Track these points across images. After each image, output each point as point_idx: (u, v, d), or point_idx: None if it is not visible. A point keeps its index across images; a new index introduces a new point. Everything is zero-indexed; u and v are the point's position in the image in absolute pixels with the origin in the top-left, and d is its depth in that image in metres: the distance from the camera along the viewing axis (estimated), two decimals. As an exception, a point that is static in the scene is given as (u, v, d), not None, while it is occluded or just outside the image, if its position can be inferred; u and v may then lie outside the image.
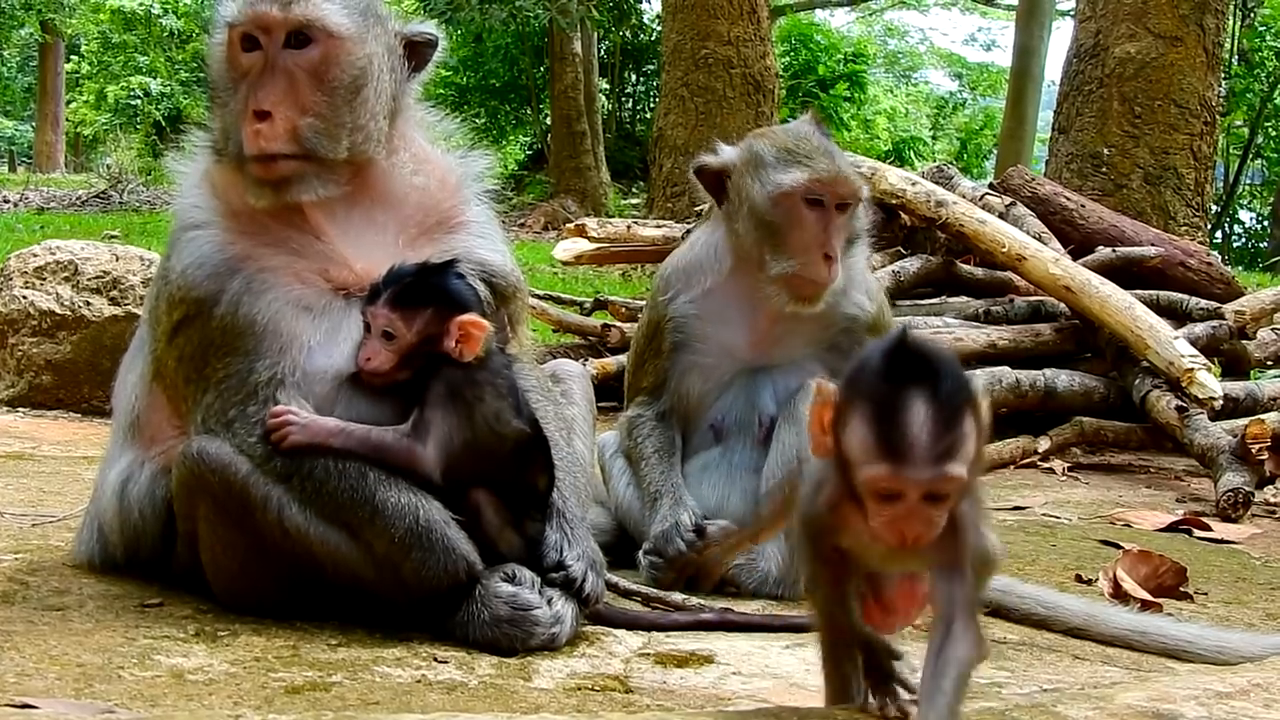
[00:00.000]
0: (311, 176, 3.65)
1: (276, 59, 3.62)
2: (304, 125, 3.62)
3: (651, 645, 3.67)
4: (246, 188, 3.65)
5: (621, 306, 10.63)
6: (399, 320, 3.53)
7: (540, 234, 24.75)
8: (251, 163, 3.61)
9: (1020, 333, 9.00)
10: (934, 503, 2.32)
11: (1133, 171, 13.97)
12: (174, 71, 44.37)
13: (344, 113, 3.68)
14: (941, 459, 2.28)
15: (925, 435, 2.27)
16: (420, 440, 3.49)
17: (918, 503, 2.32)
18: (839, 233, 4.52)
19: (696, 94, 18.88)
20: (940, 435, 2.28)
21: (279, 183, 3.62)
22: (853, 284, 4.65)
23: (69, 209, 25.79)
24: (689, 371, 4.72)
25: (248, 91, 3.62)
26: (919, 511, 2.32)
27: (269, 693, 2.94)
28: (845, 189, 4.52)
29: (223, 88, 3.72)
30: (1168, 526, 6.30)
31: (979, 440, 2.36)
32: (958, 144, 47.80)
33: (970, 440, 2.32)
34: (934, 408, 2.29)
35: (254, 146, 3.58)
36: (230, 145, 3.66)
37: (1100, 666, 3.81)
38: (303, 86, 3.64)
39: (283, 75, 3.62)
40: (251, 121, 3.58)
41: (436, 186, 3.92)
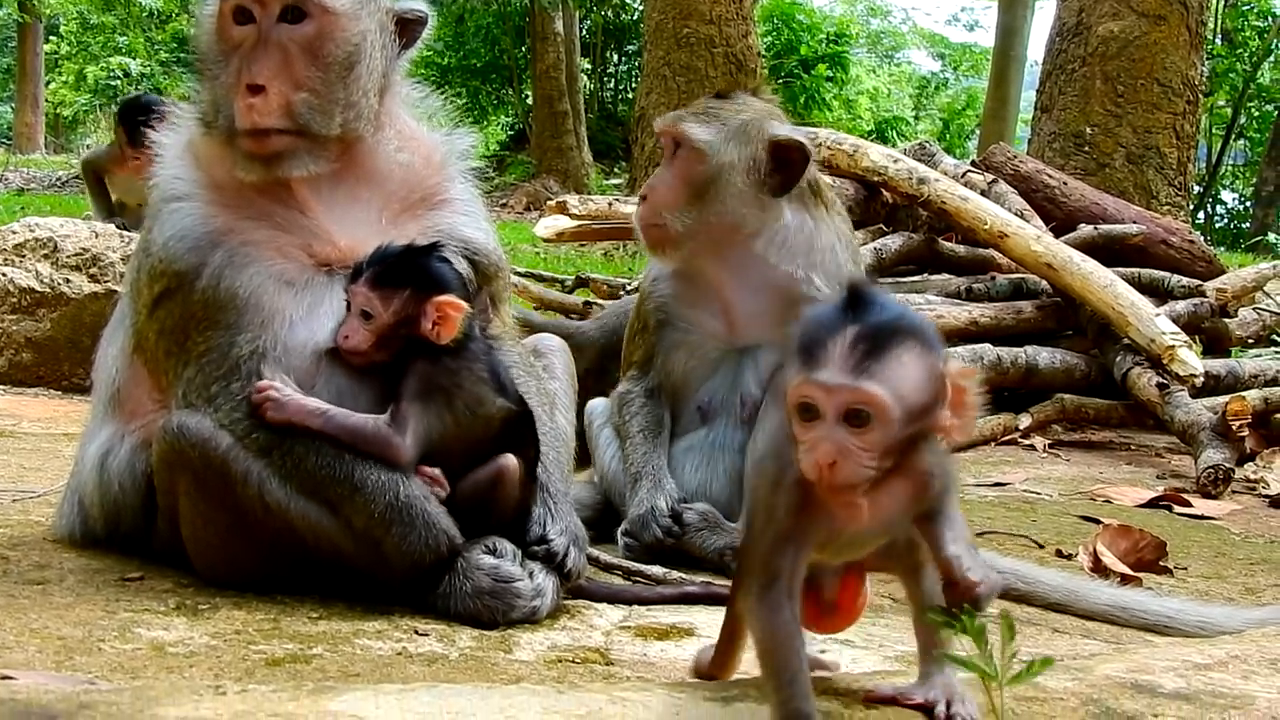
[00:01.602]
0: (303, 152, 3.63)
1: (270, 33, 3.60)
2: (297, 100, 3.61)
3: (632, 618, 3.67)
4: (236, 161, 3.63)
5: (603, 284, 10.63)
6: (377, 300, 3.52)
7: (522, 214, 24.69)
8: (243, 137, 3.59)
9: (1002, 310, 9.01)
10: (855, 428, 2.21)
11: (1115, 151, 13.97)
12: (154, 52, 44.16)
13: (337, 89, 3.67)
14: (859, 372, 2.19)
15: (845, 347, 2.20)
16: (399, 431, 3.47)
17: (836, 425, 2.21)
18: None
19: (679, 73, 18.82)
20: (863, 352, 2.20)
21: (270, 158, 3.61)
22: (814, 263, 4.60)
23: (49, 190, 25.68)
24: (674, 349, 4.72)
25: (240, 65, 3.60)
26: (838, 437, 2.21)
27: (249, 665, 2.94)
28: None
29: (212, 60, 3.70)
30: (1148, 503, 6.33)
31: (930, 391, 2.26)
32: (940, 124, 47.76)
33: (907, 376, 2.23)
34: (863, 328, 2.22)
35: (247, 120, 3.56)
36: (220, 119, 3.64)
37: (1080, 640, 3.82)
38: (296, 61, 3.62)
39: (276, 49, 3.60)
40: (244, 95, 3.56)
41: (421, 164, 3.91)
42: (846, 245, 4.65)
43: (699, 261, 4.66)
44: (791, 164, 4.53)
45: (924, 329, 2.29)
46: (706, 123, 4.55)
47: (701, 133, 4.52)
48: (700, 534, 4.44)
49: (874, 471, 2.24)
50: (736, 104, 4.65)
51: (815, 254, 4.57)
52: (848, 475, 2.22)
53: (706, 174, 4.50)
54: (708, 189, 4.50)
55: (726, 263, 4.61)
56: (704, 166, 4.50)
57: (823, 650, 3.41)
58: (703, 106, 4.67)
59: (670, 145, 4.60)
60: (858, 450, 2.22)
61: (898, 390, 2.21)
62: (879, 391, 2.19)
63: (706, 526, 4.45)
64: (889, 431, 2.22)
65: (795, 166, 4.53)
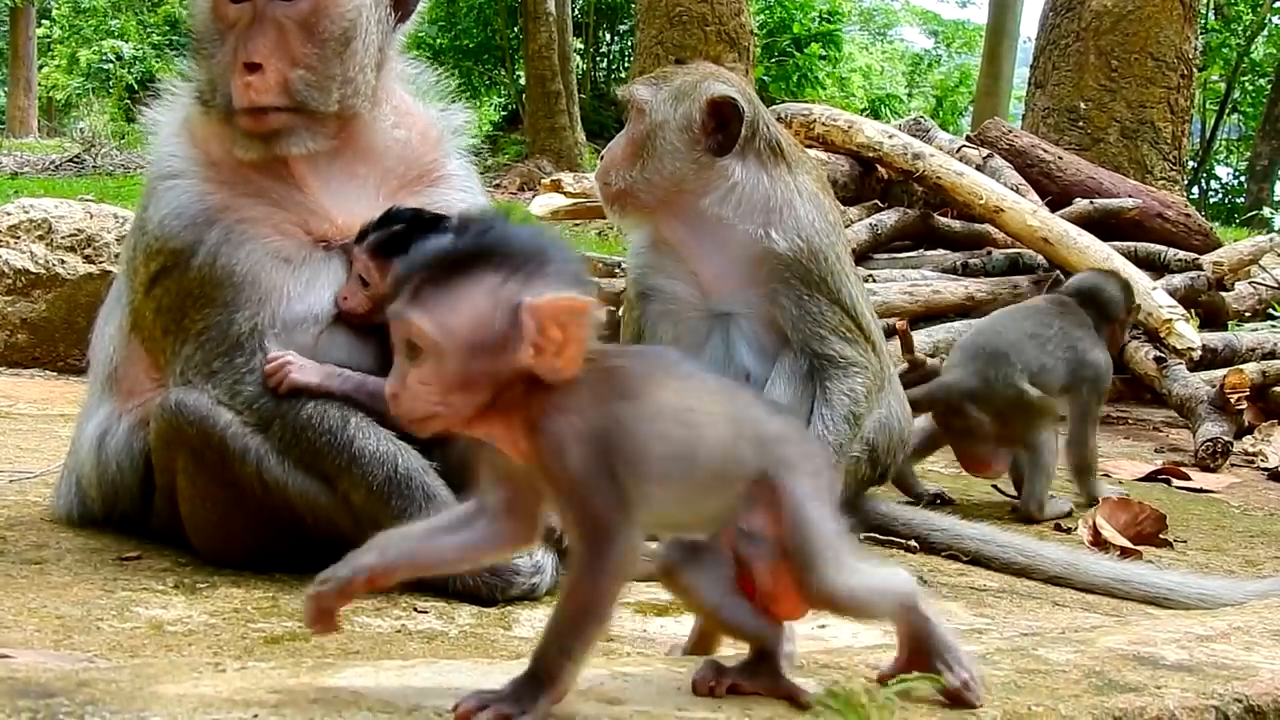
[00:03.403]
0: (301, 129, 3.62)
1: (265, 10, 3.58)
2: (295, 78, 3.59)
3: (631, 594, 3.65)
4: (234, 140, 3.61)
5: (598, 263, 10.59)
6: (374, 268, 3.52)
7: (516, 194, 24.64)
8: (241, 115, 3.57)
9: (998, 285, 9.02)
10: (413, 360, 2.10)
11: (1109, 125, 13.97)
12: (146, 35, 44.12)
13: (334, 65, 3.65)
14: (410, 302, 2.09)
15: (411, 276, 2.11)
16: None
17: (403, 356, 2.11)
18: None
19: (671, 52, 18.74)
20: (421, 281, 2.10)
21: (269, 135, 3.59)
22: (772, 221, 4.57)
23: (43, 173, 25.59)
24: (659, 321, 4.71)
25: (236, 43, 3.58)
26: (401, 368, 2.11)
27: (248, 643, 2.93)
28: None
29: (208, 38, 3.67)
30: (1147, 476, 6.33)
31: (494, 325, 2.08)
32: (933, 101, 47.75)
33: (462, 307, 2.08)
34: (432, 257, 2.12)
35: (245, 99, 3.55)
36: (218, 97, 3.62)
37: (1081, 613, 3.82)
38: (293, 38, 3.60)
39: (272, 26, 3.57)
40: (242, 74, 3.54)
41: (418, 140, 3.90)
42: (810, 199, 4.60)
43: (657, 222, 4.67)
44: (729, 121, 4.53)
45: (508, 258, 2.11)
46: (651, 84, 4.61)
47: (643, 92, 4.57)
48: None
49: (439, 407, 2.11)
50: (686, 69, 4.70)
51: (773, 211, 4.55)
52: (407, 408, 2.12)
53: (644, 131, 4.54)
54: (645, 146, 4.53)
55: (685, 224, 4.60)
56: (643, 125, 4.54)
57: (822, 625, 3.41)
58: (657, 72, 4.77)
59: (630, 109, 4.65)
60: (414, 383, 2.11)
61: (446, 322, 2.08)
62: (422, 322, 2.07)
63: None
64: (443, 365, 2.09)
65: (732, 124, 4.53)
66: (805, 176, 4.66)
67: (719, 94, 4.53)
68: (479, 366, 2.08)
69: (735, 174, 4.54)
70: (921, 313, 8.66)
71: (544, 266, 2.11)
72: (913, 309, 8.58)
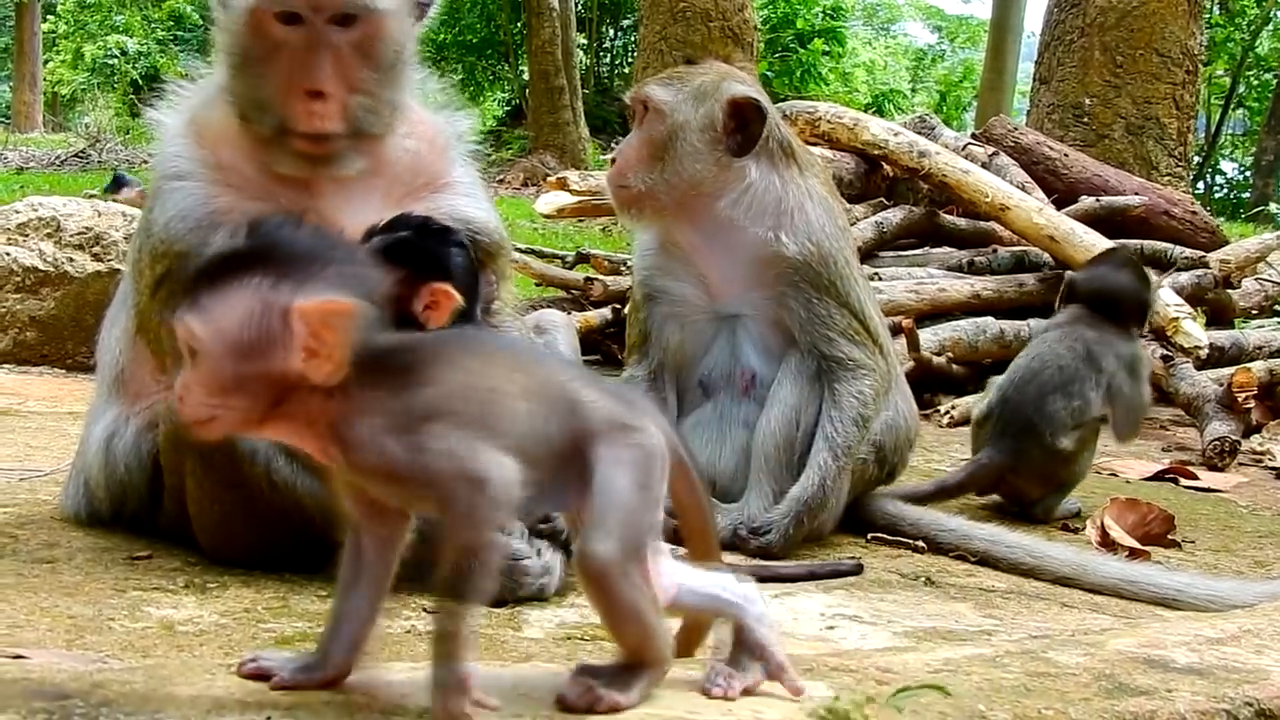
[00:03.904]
0: (352, 152, 3.63)
1: (324, 34, 3.56)
2: (354, 104, 3.60)
3: (641, 596, 3.66)
4: (279, 157, 3.61)
5: (604, 260, 10.60)
6: None
7: (519, 190, 24.65)
8: (298, 138, 3.57)
9: (1004, 283, 9.01)
10: (191, 364, 2.10)
11: (1114, 121, 13.95)
12: (150, 30, 44.14)
13: (387, 89, 3.67)
14: (188, 306, 2.07)
15: (195, 281, 2.10)
16: None
17: (185, 360, 2.12)
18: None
19: (675, 47, 18.72)
20: (200, 285, 2.09)
21: (324, 159, 3.60)
22: (782, 224, 4.56)
23: (48, 168, 25.64)
24: (665, 323, 4.71)
25: (294, 67, 3.55)
26: (181, 373, 2.12)
27: (259, 643, 2.93)
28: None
29: (252, 56, 3.61)
30: (1154, 476, 6.33)
31: (258, 329, 2.07)
32: (937, 96, 47.73)
33: (228, 310, 2.06)
34: (212, 261, 2.12)
35: (309, 126, 3.54)
36: (267, 117, 3.60)
37: (1089, 614, 3.82)
38: (351, 64, 3.59)
39: (331, 53, 3.56)
40: (305, 100, 3.53)
41: (426, 148, 3.89)
42: (820, 203, 4.61)
43: (669, 225, 4.67)
44: (750, 122, 4.53)
45: (282, 262, 2.10)
46: (668, 85, 4.59)
47: (661, 94, 4.55)
48: (701, 515, 4.44)
49: (217, 409, 2.11)
50: (701, 69, 4.68)
51: (784, 214, 4.55)
52: (187, 411, 2.12)
53: (665, 133, 4.53)
54: (667, 148, 4.52)
55: (697, 226, 4.61)
56: (663, 126, 4.53)
57: (830, 627, 3.41)
58: (669, 72, 4.74)
59: (640, 110, 4.62)
60: (192, 385, 2.10)
61: (217, 325, 2.07)
62: (194, 324, 2.07)
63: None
64: (215, 367, 2.08)
65: (754, 125, 4.53)
66: (814, 179, 4.66)
67: (740, 94, 4.53)
68: (251, 369, 2.08)
69: (751, 175, 4.55)
70: (927, 311, 8.65)
71: (319, 270, 2.11)
72: (918, 307, 8.58)
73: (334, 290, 2.09)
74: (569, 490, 2.24)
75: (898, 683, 2.50)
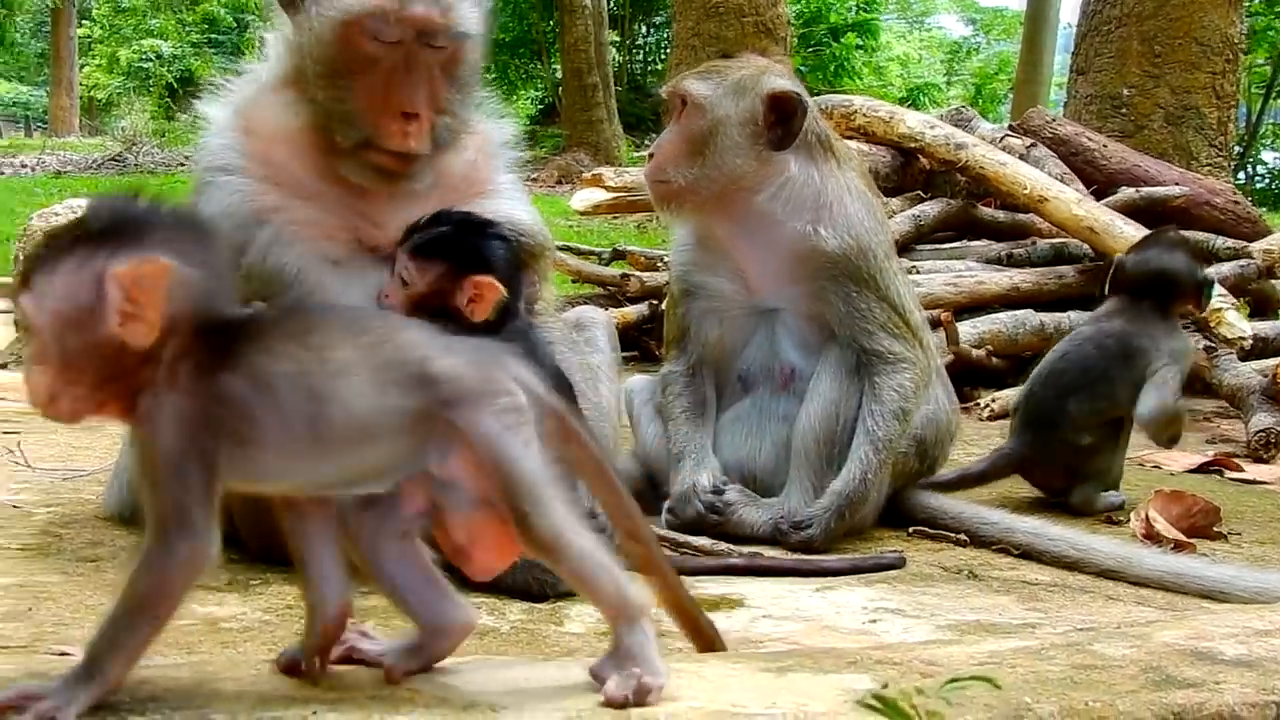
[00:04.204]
0: (428, 167, 3.69)
1: (418, 55, 3.59)
2: (440, 123, 3.66)
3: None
4: (354, 168, 3.64)
5: (640, 256, 10.60)
6: (414, 268, 3.50)
7: (553, 188, 24.69)
8: (384, 154, 3.60)
9: (1043, 275, 8.96)
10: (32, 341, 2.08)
11: (1153, 112, 13.84)
12: (185, 34, 44.40)
13: (467, 107, 3.75)
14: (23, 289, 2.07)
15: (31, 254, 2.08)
16: None
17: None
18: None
19: (708, 43, 18.70)
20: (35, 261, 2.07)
21: (403, 175, 3.64)
22: (821, 218, 4.55)
23: (85, 172, 25.77)
24: (703, 318, 4.71)
25: (390, 87, 3.58)
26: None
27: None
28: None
29: (341, 69, 3.61)
30: (1198, 468, 6.27)
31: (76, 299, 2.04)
32: (972, 89, 47.55)
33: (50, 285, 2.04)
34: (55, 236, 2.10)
35: (401, 145, 3.58)
36: (352, 130, 3.61)
37: (1134, 607, 3.78)
38: (439, 85, 3.64)
39: (423, 74, 3.60)
40: (400, 121, 3.57)
41: (478, 156, 3.92)
42: (858, 197, 4.60)
43: (708, 220, 4.67)
44: (790, 116, 4.51)
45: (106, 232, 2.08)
46: (706, 79, 4.58)
47: (700, 88, 4.54)
48: (744, 510, 4.43)
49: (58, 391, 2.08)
50: (739, 63, 4.68)
51: (822, 208, 4.54)
52: (32, 395, 2.10)
53: (705, 128, 4.52)
54: (707, 143, 4.52)
55: (735, 220, 4.60)
56: (703, 121, 4.51)
57: (873, 620, 3.39)
58: (706, 66, 4.72)
59: (676, 104, 4.61)
60: (34, 368, 2.08)
61: (45, 302, 2.05)
62: (26, 304, 2.07)
63: (749, 503, 4.45)
64: (50, 346, 2.06)
65: (794, 118, 4.51)
66: (852, 172, 4.65)
67: (780, 88, 4.52)
68: (78, 342, 2.05)
69: (790, 169, 4.53)
70: (966, 304, 8.62)
71: (142, 235, 2.09)
72: (956, 300, 8.54)
73: (151, 252, 2.06)
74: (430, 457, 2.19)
75: (942, 675, 2.48)
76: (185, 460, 2.07)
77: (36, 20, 52.84)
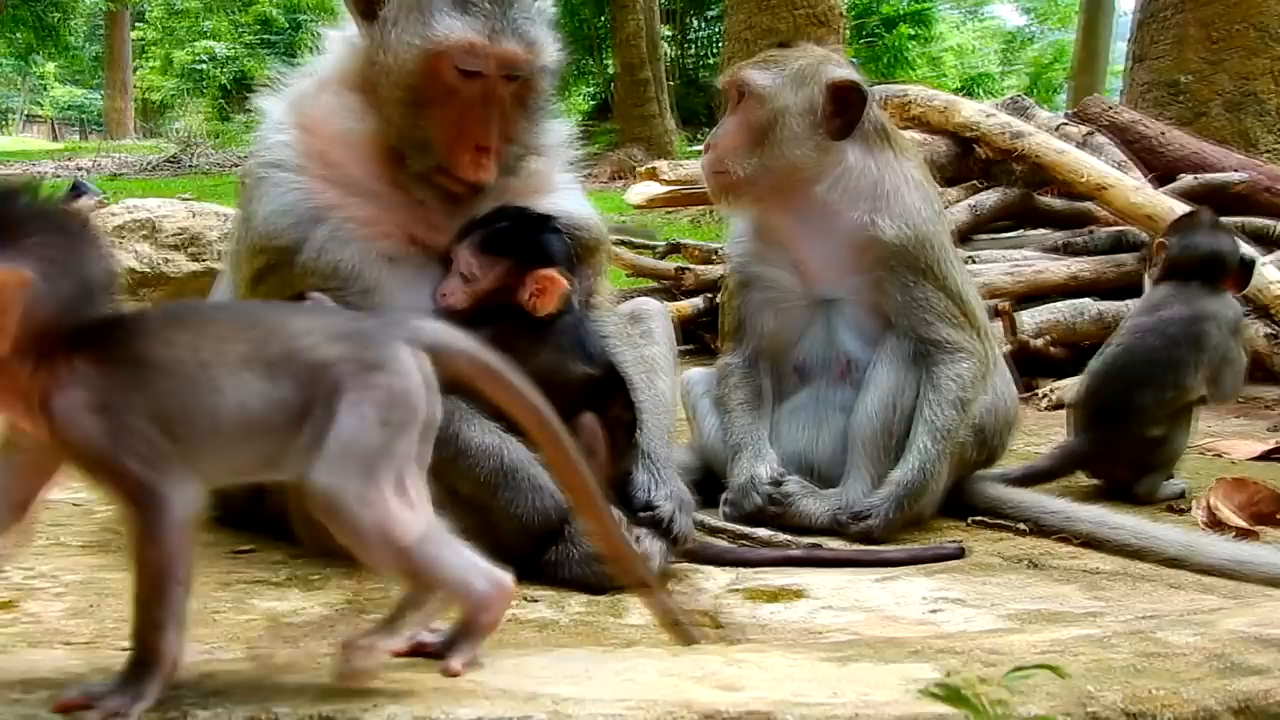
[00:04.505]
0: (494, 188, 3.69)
1: (496, 89, 3.61)
2: (508, 152, 3.68)
3: (740, 581, 3.65)
4: (422, 189, 3.65)
5: (695, 249, 10.59)
6: (478, 264, 3.51)
7: (608, 183, 24.68)
8: (454, 181, 3.62)
9: (1102, 264, 8.89)
10: None
11: (1212, 99, 13.70)
12: (238, 35, 44.74)
13: (536, 133, 3.78)
14: None
15: None
16: None
17: None
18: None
19: (761, 36, 18.61)
20: None
21: (469, 200, 3.66)
22: (879, 207, 4.52)
23: (141, 174, 25.99)
24: (760, 310, 4.70)
25: (467, 121, 3.59)
26: None
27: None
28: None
29: (420, 98, 3.60)
30: (1260, 455, 6.20)
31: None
32: (1028, 79, 47.26)
33: None
34: None
35: (473, 177, 3.60)
36: (426, 157, 3.62)
37: (1198, 595, 3.74)
38: (512, 116, 3.66)
39: (498, 107, 3.61)
40: (474, 154, 3.59)
41: (539, 160, 3.91)
42: (916, 187, 4.58)
43: (766, 210, 4.66)
44: (850, 105, 4.49)
45: None
46: (765, 69, 4.56)
47: (760, 78, 4.52)
48: (803, 501, 4.42)
49: None
50: (797, 52, 4.66)
51: (880, 198, 4.52)
52: None
53: (766, 118, 4.50)
54: (768, 133, 4.50)
55: (793, 211, 4.59)
56: (763, 111, 4.50)
57: (934, 610, 3.37)
58: (764, 56, 4.69)
59: (734, 95, 4.60)
60: None
61: None
62: None
63: (808, 494, 4.43)
64: None
65: (854, 108, 4.49)
66: (909, 162, 4.63)
67: (841, 77, 4.50)
68: None
69: (848, 159, 4.52)
70: (1024, 293, 8.57)
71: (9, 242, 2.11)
72: (1015, 289, 8.49)
73: (11, 261, 2.08)
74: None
75: (1005, 664, 2.47)
76: (117, 434, 2.12)
77: (92, 24, 53.36)
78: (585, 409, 3.57)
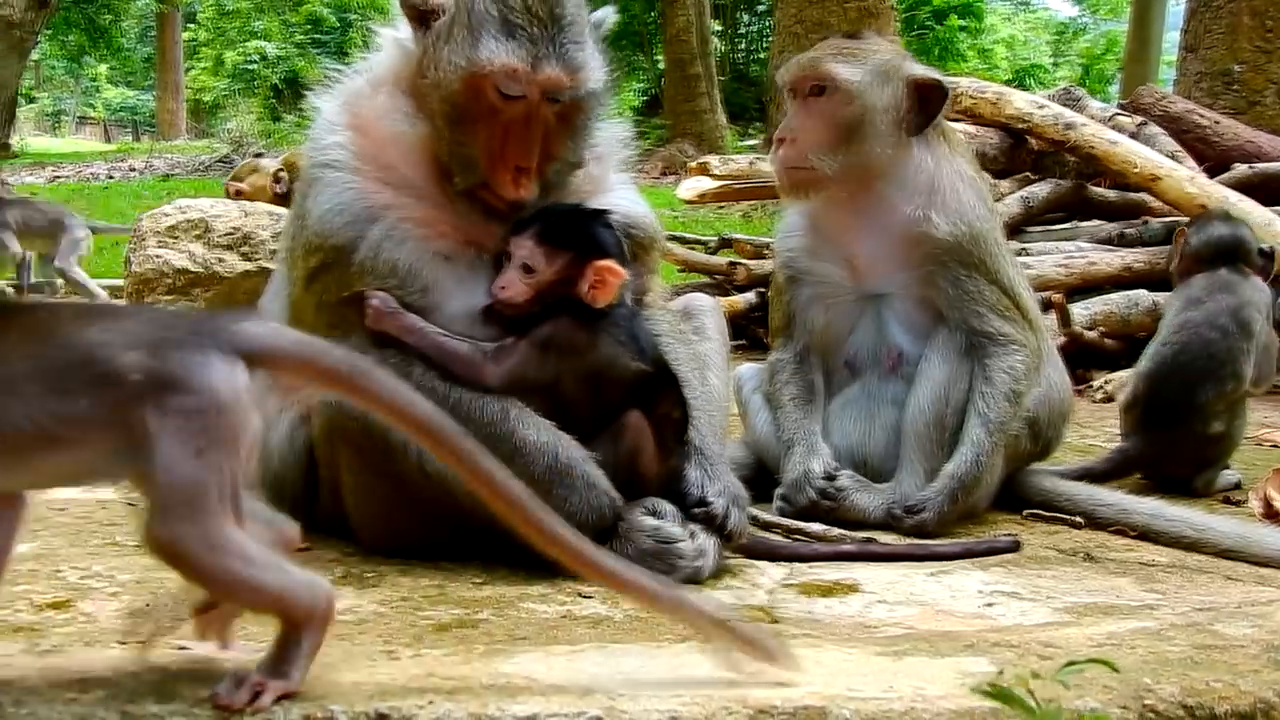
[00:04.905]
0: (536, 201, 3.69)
1: (539, 112, 3.60)
2: (549, 169, 3.68)
3: (794, 576, 3.65)
4: (464, 202, 3.65)
5: (747, 244, 10.58)
6: (540, 256, 3.52)
7: (659, 179, 24.70)
8: (495, 197, 3.62)
9: (1156, 255, 8.83)
10: None
11: (1266, 88, 13.59)
12: (289, 35, 44.94)
13: (582, 148, 3.76)
14: None
15: None
16: (495, 360, 3.48)
17: None
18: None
19: (811, 30, 18.61)
20: None
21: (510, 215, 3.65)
22: (934, 203, 4.50)
23: (193, 174, 26.21)
24: (810, 305, 4.69)
25: (509, 142, 3.60)
26: None
27: (418, 630, 2.96)
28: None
29: (463, 116, 3.60)
30: (1316, 446, 6.17)
31: None
32: (1080, 70, 46.95)
33: None
34: None
35: (513, 196, 3.60)
36: (469, 174, 3.62)
37: (1255, 587, 3.72)
38: (554, 136, 3.65)
39: (541, 126, 3.61)
40: (514, 174, 3.59)
41: (594, 162, 3.91)
42: (969, 184, 4.56)
43: (829, 205, 4.63)
44: (930, 103, 4.47)
45: None
46: (848, 62, 4.51)
47: (848, 73, 4.48)
48: (856, 495, 4.41)
49: None
50: (870, 44, 4.62)
51: (936, 193, 4.50)
52: None
53: (855, 114, 4.46)
54: (856, 130, 4.47)
55: (854, 206, 4.57)
56: (852, 107, 4.46)
57: (989, 604, 3.36)
58: (838, 47, 4.63)
59: (805, 88, 4.55)
60: None
61: None
62: None
63: (861, 489, 4.42)
64: None
65: (934, 105, 4.48)
66: (961, 158, 4.62)
67: (923, 75, 4.50)
68: None
69: (915, 155, 4.50)
70: (1077, 285, 8.53)
71: None
72: (1068, 281, 8.45)
73: None
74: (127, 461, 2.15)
75: (1060, 658, 2.46)
76: None
77: (143, 25, 53.80)
78: (634, 406, 3.58)
